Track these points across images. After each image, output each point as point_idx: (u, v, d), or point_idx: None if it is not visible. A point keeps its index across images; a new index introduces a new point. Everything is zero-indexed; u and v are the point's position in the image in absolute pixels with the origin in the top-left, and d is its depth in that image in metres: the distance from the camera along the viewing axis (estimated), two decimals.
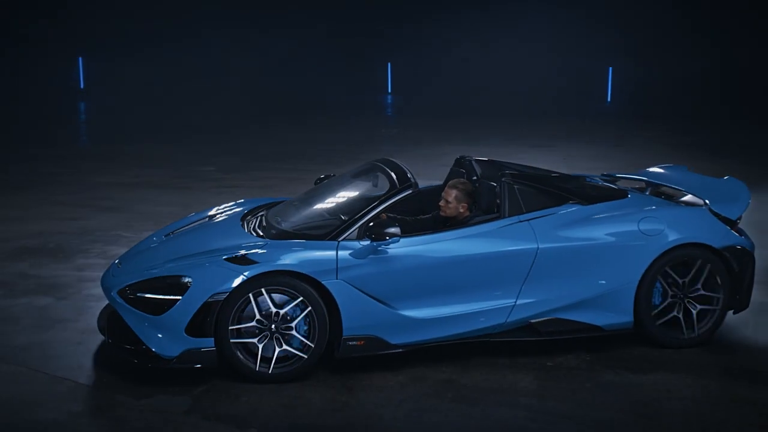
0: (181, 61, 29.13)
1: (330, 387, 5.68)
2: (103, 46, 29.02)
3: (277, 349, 5.68)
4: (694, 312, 6.25)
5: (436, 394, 5.57)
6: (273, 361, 5.67)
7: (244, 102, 22.84)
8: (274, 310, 5.67)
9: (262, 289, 5.61)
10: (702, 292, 6.27)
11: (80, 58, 26.46)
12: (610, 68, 24.96)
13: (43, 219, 9.94)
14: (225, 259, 5.75)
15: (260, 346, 5.67)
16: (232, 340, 5.62)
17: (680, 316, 6.25)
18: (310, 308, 5.68)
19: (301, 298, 5.67)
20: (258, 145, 15.90)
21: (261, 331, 5.68)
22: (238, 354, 5.64)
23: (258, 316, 5.66)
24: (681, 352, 6.23)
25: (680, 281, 6.25)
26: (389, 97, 25.58)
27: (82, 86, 26.12)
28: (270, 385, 5.65)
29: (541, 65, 28.40)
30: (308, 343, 5.72)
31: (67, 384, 5.68)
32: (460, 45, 31.06)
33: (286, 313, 5.68)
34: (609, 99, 24.44)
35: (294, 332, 5.71)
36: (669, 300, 6.24)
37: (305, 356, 5.72)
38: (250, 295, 5.60)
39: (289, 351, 5.71)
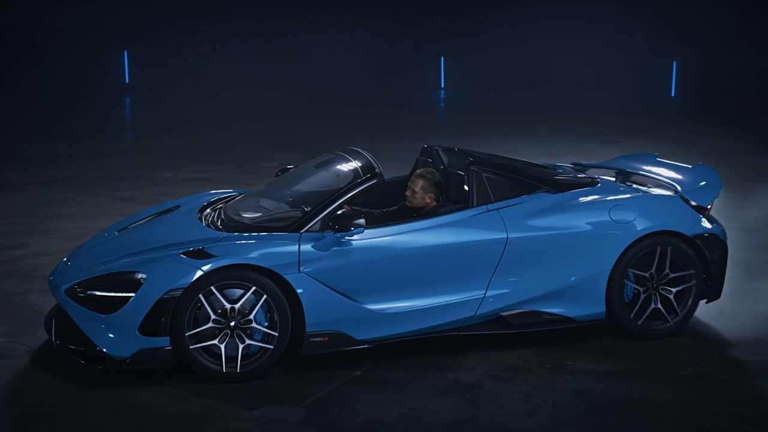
0: (227, 53, 27.47)
1: (450, 394, 5.31)
2: (147, 39, 27.46)
3: (240, 346, 5.43)
4: (671, 296, 6.11)
5: (568, 405, 5.23)
6: (239, 359, 5.42)
7: (299, 98, 21.43)
8: (228, 306, 5.41)
9: (212, 287, 5.36)
10: (672, 275, 6.13)
11: (125, 51, 25.09)
12: (675, 62, 23.61)
13: (113, 215, 9.31)
14: (181, 253, 5.50)
15: (222, 347, 5.41)
16: (191, 347, 5.36)
17: (660, 306, 6.11)
18: (265, 296, 5.43)
19: (254, 288, 5.42)
20: (320, 140, 14.89)
21: (220, 330, 5.42)
22: (201, 359, 5.39)
23: (214, 316, 5.40)
24: None
25: (646, 274, 6.10)
26: (442, 92, 24.12)
27: (127, 80, 24.86)
28: (384, 393, 5.34)
29: (602, 58, 26.61)
30: (271, 332, 5.48)
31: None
32: (518, 37, 29.13)
33: (242, 306, 5.43)
34: (673, 93, 23.07)
35: (254, 324, 5.46)
36: (643, 295, 6.09)
37: (271, 347, 5.48)
38: (201, 296, 5.34)
39: (254, 345, 5.46)
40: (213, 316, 5.39)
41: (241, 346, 5.44)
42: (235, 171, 12.50)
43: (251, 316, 5.45)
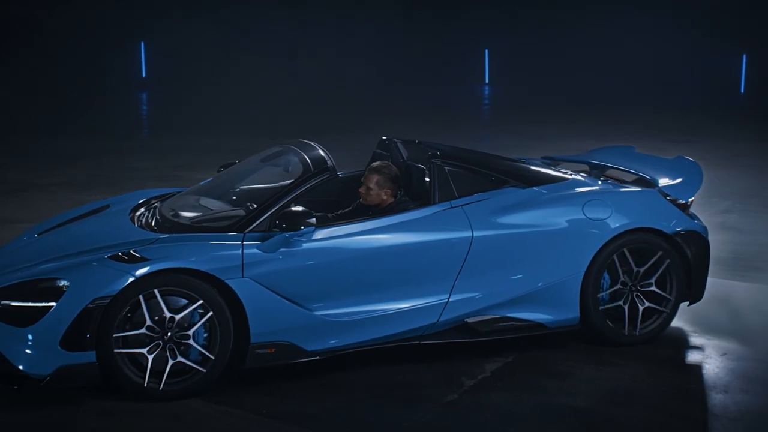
0: (252, 48, 24.83)
1: (563, 422, 4.76)
2: (165, 30, 25.04)
3: (171, 362, 4.88)
4: (641, 308, 5.65)
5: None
6: (165, 375, 4.86)
7: (326, 92, 19.67)
8: (168, 315, 4.86)
9: (156, 291, 4.82)
10: (654, 288, 5.68)
11: (142, 43, 23.37)
12: (744, 55, 21.68)
13: None
14: (108, 257, 4.93)
15: (150, 357, 4.85)
16: (116, 350, 4.79)
17: (626, 307, 5.65)
18: (211, 313, 4.89)
19: (201, 302, 4.88)
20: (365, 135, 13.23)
21: (152, 339, 4.86)
22: (124, 367, 4.82)
23: (149, 322, 4.84)
24: None
25: (635, 270, 5.65)
26: (486, 87, 22.24)
27: (144, 74, 23.06)
28: (489, 420, 4.75)
29: (667, 51, 24.02)
30: (208, 354, 4.93)
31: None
32: (573, 26, 25.88)
33: (182, 319, 4.88)
34: (742, 89, 21.24)
35: (191, 341, 4.90)
36: (618, 287, 5.64)
37: (203, 370, 4.93)
38: (141, 297, 4.80)
39: (185, 364, 4.90)
40: (148, 322, 4.84)
41: (171, 362, 4.88)
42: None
43: (190, 332, 4.90)
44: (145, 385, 4.84)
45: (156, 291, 4.82)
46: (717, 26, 24.16)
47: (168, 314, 4.85)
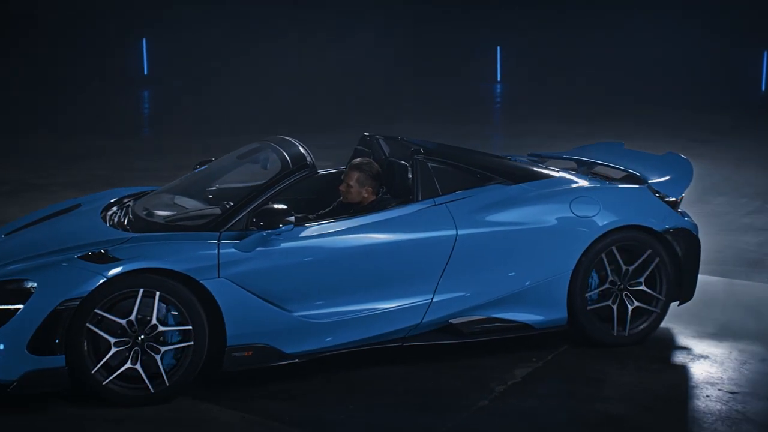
0: (259, 48, 23.61)
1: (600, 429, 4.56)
2: (167, 27, 23.98)
3: (157, 357, 4.71)
4: (630, 308, 5.49)
5: None
6: (164, 372, 4.72)
7: (335, 90, 19.13)
8: (124, 321, 4.68)
9: (157, 293, 4.67)
10: (643, 288, 5.52)
11: (144, 40, 22.69)
12: (766, 52, 20.86)
13: None
14: (78, 257, 4.75)
15: (138, 367, 4.69)
16: (105, 383, 4.64)
17: (614, 307, 5.49)
18: (158, 293, 4.70)
19: (142, 290, 4.69)
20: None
21: (129, 350, 4.68)
22: (119, 390, 4.67)
23: (114, 339, 4.65)
24: None
25: (624, 269, 5.49)
26: (498, 86, 21.43)
27: (146, 72, 22.42)
28: (521, 426, 4.56)
29: (685, 48, 22.81)
30: (184, 327, 4.76)
31: None
32: (585, 22, 24.60)
33: (139, 315, 4.68)
34: (763, 87, 20.44)
35: (161, 327, 4.72)
36: (606, 286, 5.49)
37: (191, 342, 4.77)
38: (141, 290, 4.66)
39: (138, 373, 4.70)
40: (113, 340, 4.65)
41: (158, 357, 4.71)
42: None
43: (154, 321, 4.71)
44: (153, 391, 4.70)
45: (157, 293, 4.67)
46: (735, 24, 23.14)
47: (123, 321, 4.66)
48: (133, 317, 4.67)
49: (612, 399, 4.91)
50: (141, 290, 4.67)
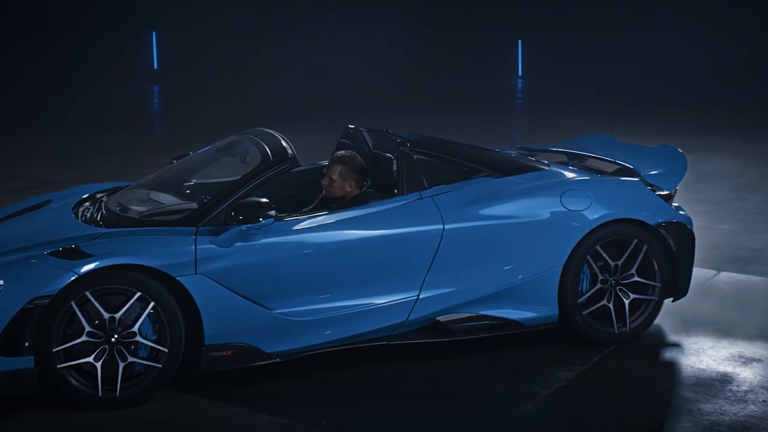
0: (274, 39, 23.24)
1: None
2: (178, 19, 23.38)
3: (122, 365, 4.52)
4: (627, 302, 5.34)
5: None
6: (119, 381, 4.51)
7: (345, 88, 18.54)
8: (107, 316, 4.49)
9: (87, 293, 4.45)
10: (636, 278, 5.37)
11: (154, 33, 22.29)
12: None
13: None
14: (48, 253, 4.56)
15: (98, 365, 4.49)
16: (59, 366, 4.43)
17: (611, 305, 5.33)
18: (153, 303, 4.54)
19: (139, 293, 4.52)
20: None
21: (96, 345, 4.49)
22: (71, 381, 4.46)
23: (89, 328, 4.47)
24: None
25: (612, 264, 5.33)
26: (519, 80, 21.06)
27: (155, 66, 22.02)
28: None
29: (708, 43, 22.16)
30: (160, 347, 4.58)
31: None
32: (610, 19, 23.78)
33: (124, 316, 4.51)
34: None
35: (139, 338, 4.54)
36: (598, 286, 5.32)
37: (159, 365, 4.58)
38: (73, 303, 4.43)
39: (138, 363, 4.55)
40: (88, 328, 4.47)
41: (122, 365, 4.52)
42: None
43: (135, 329, 4.53)
44: (100, 395, 4.49)
45: (88, 293, 4.45)
46: (761, 18, 22.34)
47: (107, 315, 4.48)
48: (117, 315, 4.50)
49: (663, 404, 4.70)
50: (138, 293, 4.51)
